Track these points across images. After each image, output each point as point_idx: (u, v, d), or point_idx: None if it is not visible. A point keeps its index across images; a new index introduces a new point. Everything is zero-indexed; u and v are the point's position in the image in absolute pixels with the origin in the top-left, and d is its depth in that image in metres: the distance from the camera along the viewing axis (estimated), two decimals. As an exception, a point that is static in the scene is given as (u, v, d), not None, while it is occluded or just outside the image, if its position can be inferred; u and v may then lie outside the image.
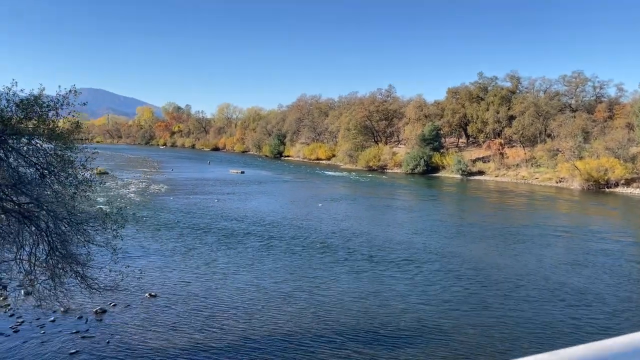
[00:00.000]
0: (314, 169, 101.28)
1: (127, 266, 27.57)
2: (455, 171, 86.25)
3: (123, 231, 36.49)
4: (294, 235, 36.36)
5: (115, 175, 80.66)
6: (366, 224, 41.82)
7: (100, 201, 50.78)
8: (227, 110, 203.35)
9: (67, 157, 13.01)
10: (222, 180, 76.74)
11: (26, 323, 19.36)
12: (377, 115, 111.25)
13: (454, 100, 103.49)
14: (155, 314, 20.75)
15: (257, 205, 51.43)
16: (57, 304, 20.75)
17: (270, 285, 24.72)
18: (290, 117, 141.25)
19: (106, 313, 20.75)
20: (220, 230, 37.78)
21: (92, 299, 22.19)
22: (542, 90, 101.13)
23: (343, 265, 28.69)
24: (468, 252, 32.53)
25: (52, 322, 19.62)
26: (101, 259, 24.46)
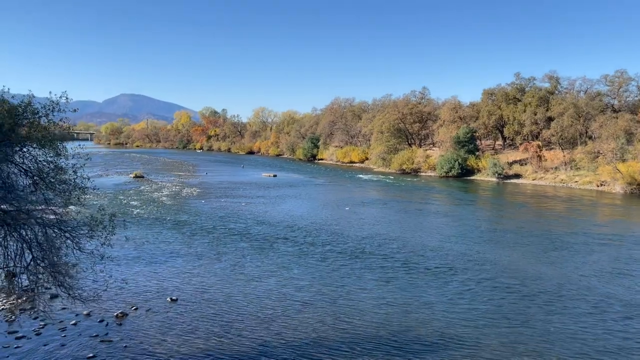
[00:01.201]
0: (346, 172, 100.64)
1: (154, 271, 27.69)
2: (491, 174, 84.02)
3: (149, 234, 37.12)
4: (322, 240, 35.89)
5: (150, 179, 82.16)
6: (397, 229, 40.93)
7: (133, 204, 51.74)
8: (263, 114, 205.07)
9: (58, 164, 12.92)
10: (254, 183, 77.03)
11: (49, 326, 19.56)
12: (411, 117, 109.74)
13: (489, 102, 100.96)
14: (174, 319, 20.64)
15: (286, 208, 51.22)
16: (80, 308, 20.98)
17: (292, 292, 24.31)
18: (324, 120, 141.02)
19: (127, 317, 20.76)
20: (246, 234, 37.68)
21: (114, 302, 22.36)
22: (583, 91, 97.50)
23: (371, 272, 27.97)
24: (505, 259, 31.26)
25: (73, 325, 19.76)
26: (105, 266, 24.63)
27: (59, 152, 12.98)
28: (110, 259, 29.46)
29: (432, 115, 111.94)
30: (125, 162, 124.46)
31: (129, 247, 32.83)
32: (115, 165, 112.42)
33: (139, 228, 39.15)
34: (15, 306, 20.74)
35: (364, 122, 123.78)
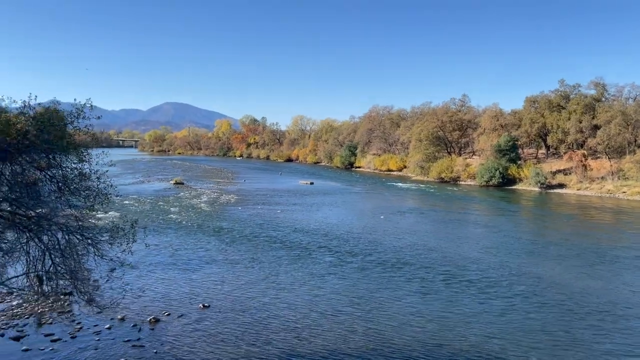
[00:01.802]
0: (384, 180, 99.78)
1: (188, 277, 27.96)
2: (533, 184, 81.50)
3: (186, 240, 37.56)
4: (357, 249, 35.49)
5: (190, 185, 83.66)
6: (435, 239, 40.08)
7: (171, 210, 52.70)
8: (301, 122, 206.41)
9: (82, 170, 13.10)
10: (291, 191, 77.29)
11: (84, 329, 19.91)
12: (450, 125, 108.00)
13: (532, 110, 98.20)
14: (205, 326, 20.69)
15: (322, 216, 51.05)
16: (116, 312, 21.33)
17: (324, 301, 24.03)
18: (362, 128, 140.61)
19: (159, 322, 20.95)
20: (281, 241, 37.67)
21: (148, 308, 22.63)
22: (632, 98, 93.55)
23: (408, 283, 27.33)
24: (549, 273, 29.97)
25: (108, 329, 20.05)
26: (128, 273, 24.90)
27: (82, 159, 13.21)
28: (145, 265, 30.14)
29: (472, 123, 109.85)
30: (166, 169, 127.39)
31: (165, 253, 33.35)
32: (157, 172, 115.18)
33: (176, 234, 39.76)
34: (53, 309, 21.32)
35: (402, 130, 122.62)
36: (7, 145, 11.04)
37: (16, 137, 11.19)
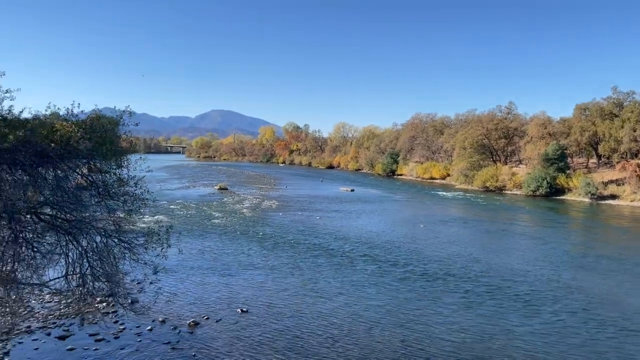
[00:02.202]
0: (426, 189, 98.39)
1: (228, 282, 28.31)
2: (583, 194, 78.39)
3: (226, 245, 38.09)
4: (397, 259, 35.07)
5: (233, 191, 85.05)
6: (479, 250, 39.10)
7: (214, 215, 53.63)
8: (343, 129, 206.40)
9: (121, 176, 13.48)
10: (332, 198, 77.29)
11: (127, 330, 20.45)
12: (496, 133, 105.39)
13: (582, 117, 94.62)
14: (243, 330, 20.87)
15: (362, 224, 50.77)
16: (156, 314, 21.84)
17: (361, 311, 23.82)
18: (404, 135, 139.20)
19: (198, 326, 21.28)
20: (320, 249, 37.67)
21: (188, 311, 23.04)
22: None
23: (449, 295, 26.71)
24: (600, 288, 28.59)
25: (149, 330, 20.51)
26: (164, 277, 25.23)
27: (121, 165, 13.63)
28: (187, 269, 30.75)
29: (519, 131, 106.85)
30: (211, 175, 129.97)
31: (207, 257, 33.95)
32: (202, 177, 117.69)
33: (217, 239, 40.44)
34: (97, 310, 21.99)
35: (445, 137, 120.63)
36: (50, 151, 11.56)
37: (59, 143, 11.70)
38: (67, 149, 11.86)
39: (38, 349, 18.05)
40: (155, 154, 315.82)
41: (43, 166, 11.70)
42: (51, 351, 18.02)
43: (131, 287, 26.02)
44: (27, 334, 19.18)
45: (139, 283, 26.91)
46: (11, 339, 18.44)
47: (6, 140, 10.51)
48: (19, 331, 19.26)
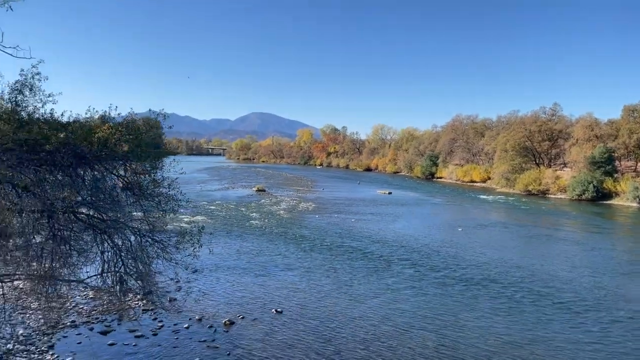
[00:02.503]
0: (466, 192, 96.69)
1: (263, 282, 28.62)
2: (631, 199, 75.30)
3: (263, 245, 38.50)
4: (434, 263, 34.62)
5: (271, 192, 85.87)
6: (521, 256, 38.09)
7: (252, 216, 54.31)
8: (382, 131, 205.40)
9: (155, 178, 13.84)
10: (369, 200, 76.99)
11: (165, 327, 20.94)
12: (539, 135, 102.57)
13: (631, 119, 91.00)
14: (277, 331, 21.05)
15: (398, 227, 50.36)
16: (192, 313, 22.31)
17: (396, 315, 23.63)
18: (444, 137, 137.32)
19: (234, 325, 21.58)
20: (356, 251, 37.59)
21: (224, 310, 23.42)
22: None
23: (488, 301, 26.08)
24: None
25: (186, 328, 20.95)
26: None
27: (155, 166, 14.01)
28: (223, 268, 31.25)
29: (563, 133, 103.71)
30: (250, 176, 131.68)
31: (243, 257, 34.41)
32: (241, 179, 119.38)
33: (254, 239, 40.92)
34: (138, 307, 22.62)
35: (486, 139, 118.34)
36: (88, 153, 12.05)
37: (97, 145, 12.18)
38: (104, 151, 12.35)
39: (81, 343, 18.71)
40: (197, 156, 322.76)
41: (81, 167, 12.22)
42: (93, 346, 18.65)
43: (169, 285, 26.71)
44: (72, 329, 19.91)
45: (177, 282, 27.53)
46: (56, 333, 19.22)
47: (48, 142, 11.04)
48: (63, 325, 20.05)
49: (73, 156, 11.63)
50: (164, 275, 26.11)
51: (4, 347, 17.04)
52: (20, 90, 12.01)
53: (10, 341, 17.63)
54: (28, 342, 18.01)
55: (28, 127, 11.01)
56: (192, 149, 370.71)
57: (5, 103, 11.99)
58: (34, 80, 12.23)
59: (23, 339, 18.14)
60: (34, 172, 11.12)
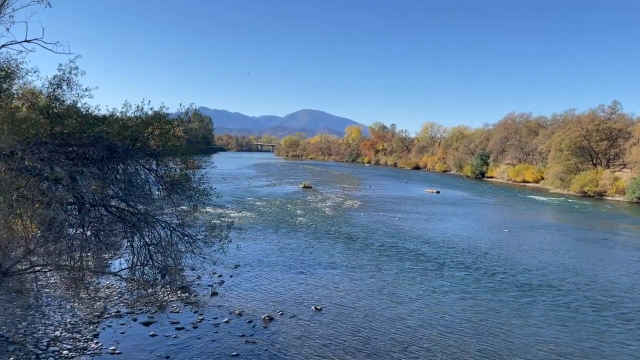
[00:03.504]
0: (518, 192, 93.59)
1: (305, 279, 28.66)
2: (700, 203, 70.74)
3: (306, 242, 38.55)
4: (481, 265, 33.64)
5: (317, 189, 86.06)
6: (578, 261, 36.31)
7: (297, 213, 54.55)
8: (431, 129, 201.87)
9: (187, 173, 13.95)
10: (415, 199, 75.82)
11: (205, 321, 21.25)
12: (597, 134, 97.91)
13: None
14: (315, 328, 20.98)
15: (445, 227, 49.29)
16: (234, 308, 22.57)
17: (437, 317, 23.06)
18: (496, 136, 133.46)
19: (272, 321, 21.67)
20: (399, 251, 37.03)
21: (264, 305, 23.57)
22: None
23: (542, 308, 24.86)
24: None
25: (226, 322, 21.19)
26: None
27: (187, 161, 14.16)
28: (265, 264, 31.48)
29: (623, 133, 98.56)
30: (297, 173, 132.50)
31: (285, 253, 34.57)
32: (289, 176, 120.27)
33: (297, 236, 41.06)
34: (180, 299, 23.09)
35: (540, 138, 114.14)
36: (119, 147, 12.32)
37: (130, 139, 12.43)
38: (135, 145, 12.59)
39: (124, 333, 19.25)
40: (246, 152, 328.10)
41: (112, 161, 12.52)
42: (135, 336, 19.15)
43: (212, 279, 27.19)
44: (116, 318, 20.53)
45: (220, 276, 28.00)
46: (101, 322, 19.87)
47: (82, 136, 11.38)
48: (109, 315, 20.70)
49: (105, 150, 11.96)
50: (207, 270, 26.66)
51: (52, 333, 17.76)
52: (58, 85, 12.46)
53: (58, 328, 18.36)
54: (75, 329, 18.69)
55: (64, 121, 11.38)
56: (242, 145, 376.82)
57: (44, 97, 12.46)
58: (71, 75, 12.66)
59: (70, 326, 18.85)
60: (65, 165, 11.48)
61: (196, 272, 26.69)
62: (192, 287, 25.07)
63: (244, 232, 41.03)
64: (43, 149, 10.85)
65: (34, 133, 10.87)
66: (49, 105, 11.90)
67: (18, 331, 17.33)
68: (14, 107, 12.44)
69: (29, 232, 12.24)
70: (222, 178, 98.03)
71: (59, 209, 10.93)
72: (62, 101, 12.29)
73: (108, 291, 22.97)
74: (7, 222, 11.20)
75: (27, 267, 12.69)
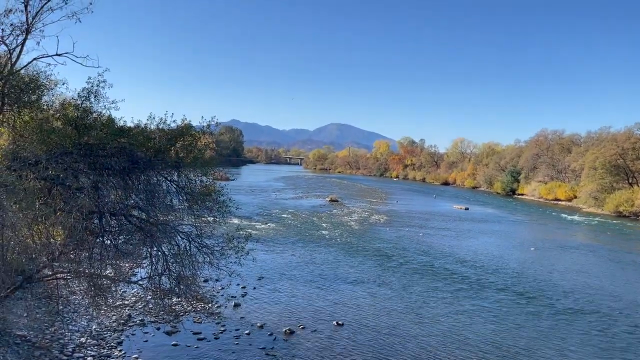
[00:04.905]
0: (549, 211, 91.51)
1: (327, 294, 28.57)
2: None
3: (330, 256, 38.43)
4: (508, 285, 32.97)
5: (344, 203, 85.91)
6: (612, 283, 35.23)
7: (322, 226, 54.55)
8: (462, 145, 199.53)
9: (207, 184, 14.12)
10: (443, 215, 74.91)
11: (227, 332, 21.38)
12: (634, 153, 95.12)
13: None
14: (336, 343, 20.85)
15: (472, 245, 48.53)
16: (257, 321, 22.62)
17: (461, 338, 22.63)
18: (527, 152, 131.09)
19: (293, 334, 21.64)
20: (426, 269, 36.60)
21: (286, 319, 23.56)
22: None
23: (574, 333, 24.10)
24: None
25: (247, 334, 21.26)
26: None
27: (206, 173, 14.37)
28: (288, 278, 31.52)
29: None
30: (325, 186, 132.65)
31: (309, 267, 34.54)
32: (316, 189, 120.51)
33: (321, 250, 41.01)
34: (204, 310, 23.24)
35: (574, 156, 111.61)
36: (140, 159, 12.62)
37: (152, 150, 12.73)
38: (157, 157, 12.89)
39: (147, 342, 19.53)
40: (275, 165, 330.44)
41: (134, 172, 12.84)
42: (158, 345, 19.40)
43: (235, 291, 27.35)
44: (140, 327, 20.84)
45: (244, 287, 28.16)
46: (125, 330, 20.20)
47: (106, 147, 11.75)
48: (133, 323, 21.04)
49: (127, 161, 12.30)
50: (230, 281, 26.83)
51: (78, 340, 18.14)
52: (87, 97, 12.92)
53: (84, 335, 18.75)
54: (99, 337, 19.06)
55: (90, 132, 11.77)
56: (271, 158, 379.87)
57: (73, 109, 12.93)
58: (99, 88, 13.11)
59: (95, 333, 19.24)
60: (88, 175, 11.85)
61: (220, 282, 26.94)
62: (215, 298, 25.19)
63: (269, 244, 41.30)
64: (68, 158, 11.26)
65: (60, 143, 11.29)
66: (78, 117, 12.36)
67: (45, 337, 17.77)
68: (43, 117, 12.97)
69: (52, 239, 12.63)
70: (250, 190, 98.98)
71: (80, 218, 11.29)
72: (90, 113, 12.75)
73: (133, 300, 23.34)
74: (31, 229, 11.63)
75: (50, 274, 13.08)
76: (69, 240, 11.55)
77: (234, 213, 19.14)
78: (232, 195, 16.09)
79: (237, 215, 44.42)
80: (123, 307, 22.37)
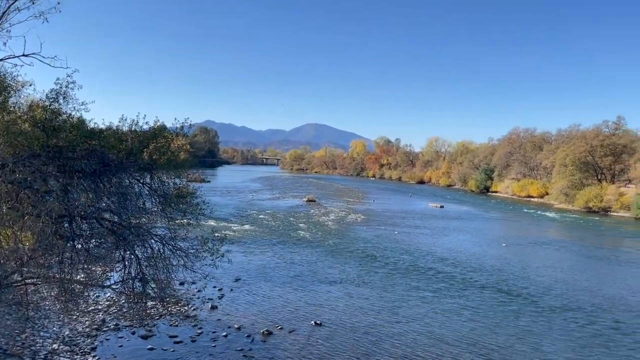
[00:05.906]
0: (522, 207, 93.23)
1: (305, 294, 28.55)
2: None
3: (307, 256, 38.42)
4: (483, 281, 33.51)
5: (321, 203, 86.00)
6: (585, 278, 36.06)
7: (299, 226, 54.51)
8: (436, 144, 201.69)
9: (180, 186, 14.02)
10: (419, 213, 75.65)
11: (204, 334, 21.22)
12: (602, 150, 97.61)
13: None
14: (315, 343, 20.88)
15: (447, 242, 49.15)
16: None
17: (438, 331, 22.96)
18: (500, 150, 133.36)
19: (271, 335, 21.59)
20: (401, 265, 36.94)
21: (263, 320, 23.48)
22: None
23: (544, 326, 24.72)
24: None
25: (224, 336, 21.13)
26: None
27: (180, 175, 14.25)
28: (265, 278, 31.39)
29: (628, 148, 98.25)
30: (302, 187, 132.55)
31: (286, 268, 34.50)
32: (293, 189, 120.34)
33: (298, 250, 41.00)
34: (180, 313, 23.02)
35: (545, 153, 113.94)
36: (111, 161, 12.45)
37: (124, 153, 12.56)
38: (129, 159, 12.71)
39: (122, 347, 19.24)
40: (251, 165, 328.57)
41: (105, 174, 12.65)
42: (133, 349, 19.13)
43: (212, 293, 27.14)
44: (115, 332, 20.52)
45: (220, 289, 27.96)
46: (99, 335, 19.85)
47: (75, 149, 11.53)
48: (107, 328, 20.69)
49: (98, 163, 12.10)
50: (207, 283, 26.61)
51: (50, 346, 17.76)
52: (55, 98, 12.66)
53: (56, 341, 18.37)
54: (72, 343, 18.69)
55: (59, 134, 11.54)
56: (247, 159, 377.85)
57: (41, 111, 12.65)
58: (67, 89, 12.86)
59: (68, 339, 18.86)
60: (57, 178, 11.62)
61: (195, 285, 26.72)
62: (191, 301, 24.97)
63: (245, 246, 41.13)
64: (36, 161, 11.01)
65: (28, 145, 11.04)
66: (47, 119, 12.09)
67: (16, 344, 17.34)
68: (10, 119, 12.66)
69: (20, 244, 12.34)
70: (226, 191, 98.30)
71: (49, 222, 11.06)
72: (58, 114, 12.48)
73: (107, 304, 22.94)
74: (-2, 234, 11.38)
75: (19, 280, 12.77)
76: (38, 244, 11.31)
77: (210, 215, 18.99)
78: (208, 197, 15.98)
79: (213, 217, 44.35)
80: (96, 311, 21.98)
